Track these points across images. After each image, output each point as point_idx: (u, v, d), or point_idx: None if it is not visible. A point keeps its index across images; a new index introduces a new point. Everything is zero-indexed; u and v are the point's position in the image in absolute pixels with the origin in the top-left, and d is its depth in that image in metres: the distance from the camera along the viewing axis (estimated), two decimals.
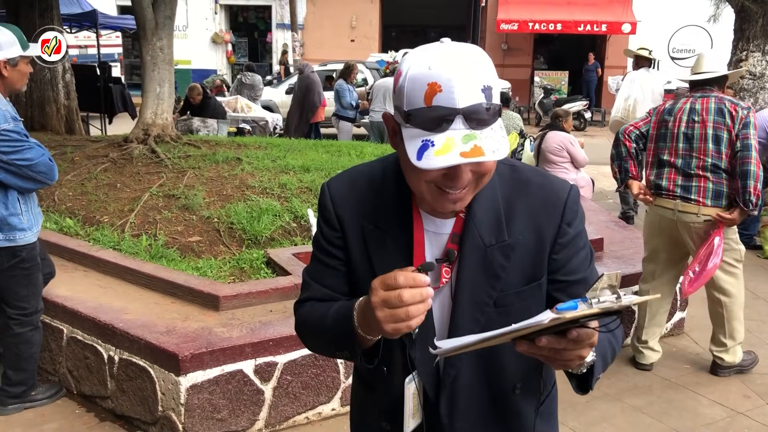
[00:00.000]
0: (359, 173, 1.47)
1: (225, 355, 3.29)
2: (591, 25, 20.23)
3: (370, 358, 1.33)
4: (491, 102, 1.19)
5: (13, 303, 3.50)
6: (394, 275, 1.16)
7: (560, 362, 1.20)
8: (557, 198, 1.38)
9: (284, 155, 6.37)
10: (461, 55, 1.20)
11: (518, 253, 1.36)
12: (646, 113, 4.36)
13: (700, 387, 4.12)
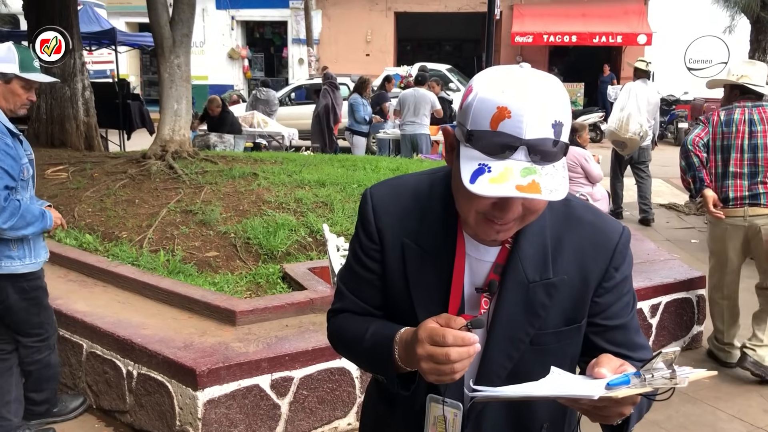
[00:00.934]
0: (405, 185, 1.41)
1: (242, 369, 3.32)
2: (606, 36, 20.20)
3: (407, 386, 1.31)
4: (559, 138, 1.13)
5: (30, 332, 3.45)
6: (443, 333, 1.13)
7: (599, 417, 1.18)
8: (608, 240, 1.33)
9: (300, 170, 6.42)
10: (538, 84, 1.13)
11: (561, 292, 1.30)
12: (700, 121, 4.44)
13: (719, 402, 4.08)
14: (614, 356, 1.20)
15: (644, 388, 1.06)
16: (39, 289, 3.44)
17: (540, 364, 1.28)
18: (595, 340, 1.36)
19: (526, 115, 1.10)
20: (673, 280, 4.76)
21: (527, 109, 1.10)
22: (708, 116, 4.41)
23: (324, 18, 23.19)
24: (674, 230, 8.32)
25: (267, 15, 24.24)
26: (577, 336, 1.36)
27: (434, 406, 1.34)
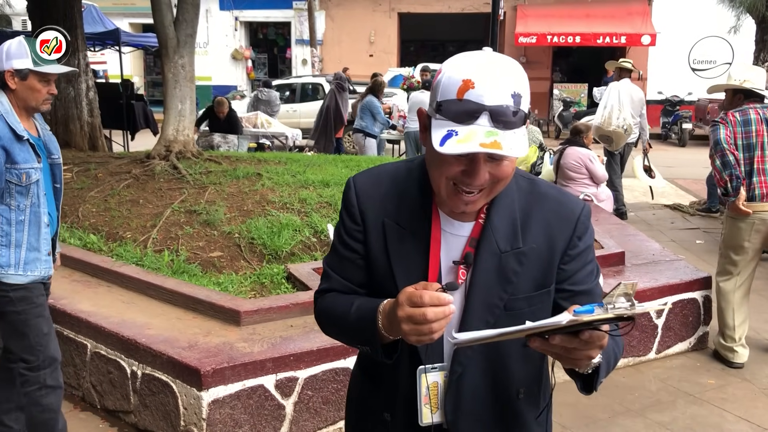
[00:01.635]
0: (385, 171, 1.54)
1: (246, 370, 3.31)
2: (610, 37, 20.16)
3: (389, 353, 1.40)
4: (519, 107, 1.27)
5: (17, 354, 3.07)
6: (420, 294, 1.24)
7: (570, 360, 1.28)
8: (571, 213, 1.47)
9: (304, 170, 6.41)
10: (498, 62, 1.30)
11: (531, 260, 1.43)
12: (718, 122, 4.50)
13: (725, 403, 4.06)
14: None
15: (606, 315, 1.17)
16: (30, 306, 3.05)
17: None
18: (563, 305, 1.44)
19: (488, 85, 1.26)
20: (678, 280, 4.74)
21: (488, 80, 1.26)
22: (724, 117, 4.49)
23: (327, 19, 23.20)
24: (679, 231, 8.30)
25: (270, 16, 24.26)
26: (547, 301, 1.48)
27: (424, 377, 1.44)
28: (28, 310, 3.04)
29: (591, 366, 1.33)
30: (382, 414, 1.53)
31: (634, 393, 4.17)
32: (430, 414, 1.45)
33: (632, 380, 4.34)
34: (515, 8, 21.48)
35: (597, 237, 5.47)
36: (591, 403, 4.03)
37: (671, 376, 4.41)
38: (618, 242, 5.44)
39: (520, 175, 1.49)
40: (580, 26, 20.43)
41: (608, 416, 3.89)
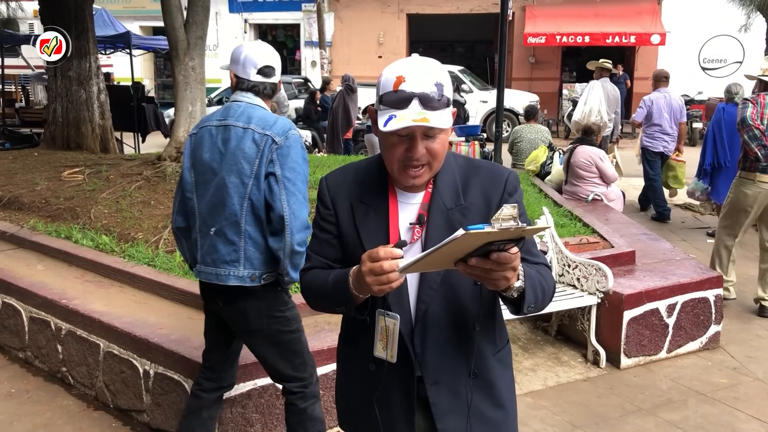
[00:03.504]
0: (350, 165, 1.91)
1: (257, 369, 3.32)
2: (619, 36, 20.07)
3: (361, 311, 1.73)
4: (442, 94, 1.63)
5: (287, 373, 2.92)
6: (377, 250, 1.55)
7: (491, 282, 1.53)
8: (501, 176, 1.81)
9: (313, 171, 6.43)
10: (424, 62, 1.69)
11: (472, 213, 1.75)
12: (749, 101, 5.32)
13: (737, 402, 4.05)
14: None
15: (493, 230, 1.40)
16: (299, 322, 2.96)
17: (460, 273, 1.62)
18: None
19: (416, 78, 1.63)
20: (689, 279, 4.73)
21: (416, 74, 1.64)
22: (755, 98, 5.30)
23: (336, 20, 23.23)
24: (690, 230, 8.27)
25: (279, 18, 24.31)
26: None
27: (380, 318, 1.73)
28: (299, 327, 2.95)
29: (515, 290, 1.59)
30: (366, 366, 1.79)
31: (645, 392, 4.16)
32: (381, 349, 1.73)
33: (643, 379, 4.33)
34: (524, 8, 21.43)
35: (607, 236, 5.47)
36: (602, 402, 4.02)
37: (682, 375, 4.40)
38: (628, 241, 5.43)
39: (459, 156, 1.87)
40: (589, 26, 20.35)
41: (619, 415, 3.88)
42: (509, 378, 1.89)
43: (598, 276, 4.43)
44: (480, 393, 1.79)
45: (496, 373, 1.82)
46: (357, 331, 1.83)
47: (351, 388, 1.92)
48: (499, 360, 1.84)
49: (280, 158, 2.66)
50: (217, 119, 2.79)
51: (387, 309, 1.73)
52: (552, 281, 1.79)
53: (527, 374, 4.34)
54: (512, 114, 16.92)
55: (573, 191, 7.21)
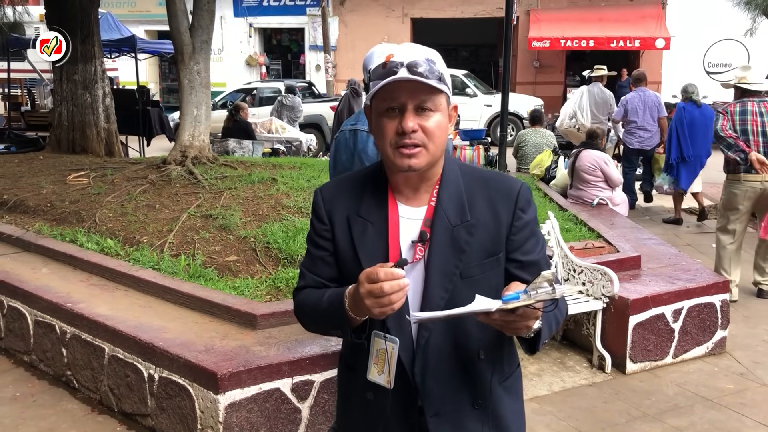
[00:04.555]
0: (346, 177, 1.80)
1: (262, 373, 3.32)
2: (624, 41, 20.05)
3: (359, 334, 1.60)
4: (433, 69, 1.55)
5: None
6: (376, 271, 1.44)
7: (511, 330, 1.48)
8: (511, 188, 1.69)
9: (318, 175, 6.44)
10: (416, 44, 1.62)
11: (479, 231, 1.63)
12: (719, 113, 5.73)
13: (744, 408, 4.03)
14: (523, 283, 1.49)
15: (530, 301, 1.38)
16: None
17: (470, 294, 1.54)
18: (517, 273, 1.67)
19: (405, 52, 1.57)
20: (695, 284, 4.71)
21: (405, 50, 1.58)
22: (725, 108, 5.73)
23: (341, 24, 23.26)
24: (695, 235, 8.24)
25: (284, 22, 24.36)
26: (497, 267, 1.67)
27: (377, 340, 1.62)
28: None
29: (532, 331, 1.51)
30: (365, 395, 1.68)
31: (651, 397, 4.14)
32: (375, 373, 1.62)
33: (649, 385, 4.32)
34: (528, 13, 21.44)
35: (612, 241, 5.45)
36: (607, 408, 4.01)
37: (688, 381, 4.37)
38: (634, 246, 5.41)
39: (465, 165, 1.75)
40: (593, 30, 20.34)
41: (625, 421, 3.87)
42: (517, 408, 1.78)
43: (604, 281, 4.41)
44: (485, 425, 1.67)
45: (502, 403, 1.70)
46: (356, 354, 1.70)
47: (350, 415, 1.80)
48: (506, 389, 1.72)
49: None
50: (351, 124, 3.09)
51: (386, 332, 1.61)
52: (565, 306, 1.70)
53: (532, 379, 4.32)
54: (517, 118, 16.92)
55: (578, 195, 7.20)
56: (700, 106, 8.30)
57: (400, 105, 1.56)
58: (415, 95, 1.56)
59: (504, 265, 1.68)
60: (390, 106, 1.57)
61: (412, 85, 1.54)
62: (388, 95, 1.57)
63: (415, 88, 1.55)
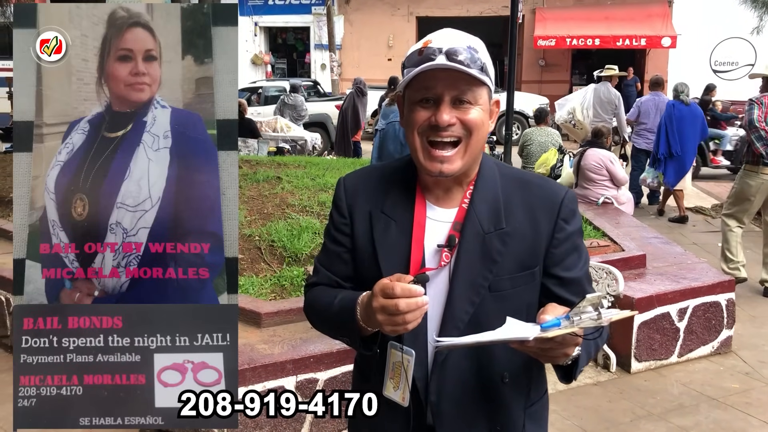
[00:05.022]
0: (373, 167, 1.66)
1: (267, 371, 3.33)
2: (630, 39, 20.01)
3: (369, 345, 1.45)
4: (475, 57, 1.39)
5: None
6: (392, 286, 1.28)
7: (547, 359, 1.34)
8: (554, 196, 1.51)
9: (323, 174, 6.44)
10: (459, 31, 1.46)
11: (515, 241, 1.47)
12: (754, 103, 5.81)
13: (749, 407, 4.02)
14: (561, 305, 1.35)
15: (572, 328, 1.22)
16: None
17: (498, 310, 1.42)
18: (555, 290, 1.51)
19: (443, 39, 1.41)
20: (701, 283, 4.70)
21: (444, 36, 1.42)
22: (760, 99, 5.79)
23: (346, 23, 23.27)
24: (701, 234, 8.23)
25: (289, 21, 24.38)
26: (532, 282, 1.50)
27: (393, 352, 1.48)
28: None
29: (570, 358, 1.36)
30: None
31: (656, 397, 4.14)
32: (392, 388, 1.49)
33: (654, 384, 4.31)
34: (534, 11, 21.41)
35: (617, 240, 5.45)
36: (612, 407, 4.01)
37: (694, 380, 4.37)
38: (639, 245, 5.41)
39: (504, 165, 1.59)
40: (599, 29, 20.30)
41: (630, 420, 3.87)
42: None
43: (609, 280, 4.41)
44: None
45: (525, 431, 1.54)
46: (369, 361, 1.55)
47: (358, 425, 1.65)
48: (530, 416, 1.55)
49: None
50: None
51: (400, 342, 1.47)
52: (607, 331, 1.50)
53: None
54: (522, 117, 16.90)
55: (583, 194, 7.19)
56: (687, 105, 8.57)
57: (436, 96, 1.40)
58: (454, 86, 1.39)
59: (540, 280, 1.51)
60: (424, 97, 1.41)
61: (450, 74, 1.38)
62: (423, 84, 1.40)
63: (454, 78, 1.38)
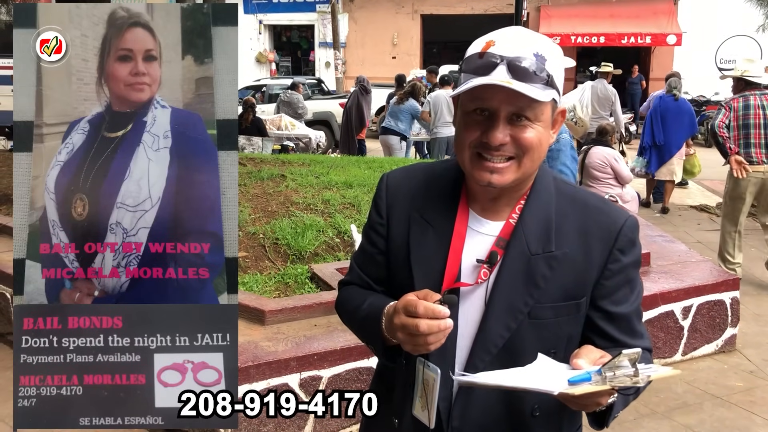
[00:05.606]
0: (420, 167, 1.53)
1: (271, 368, 3.34)
2: (635, 37, 19.97)
3: (392, 357, 1.37)
4: (542, 68, 1.25)
5: None
6: (416, 304, 1.20)
7: (578, 406, 1.23)
8: (613, 223, 1.37)
9: (327, 172, 6.44)
10: (527, 30, 1.34)
11: (563, 267, 1.34)
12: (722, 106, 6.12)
13: (754, 406, 4.01)
14: (605, 340, 1.30)
15: (604, 386, 1.11)
16: None
17: (536, 339, 1.33)
18: (600, 325, 1.39)
19: (508, 42, 1.28)
20: (705, 282, 4.69)
21: (510, 38, 1.29)
22: (729, 103, 6.06)
23: (350, 21, 23.27)
24: (705, 232, 8.20)
25: (294, 19, 24.40)
26: (576, 314, 1.38)
27: (420, 368, 1.39)
28: None
29: (604, 405, 1.25)
30: (390, 418, 1.48)
31: (659, 395, 4.13)
32: (419, 408, 1.39)
33: (657, 382, 4.26)
34: (539, 9, 21.37)
35: None
36: None
37: (697, 379, 4.36)
38: (643, 243, 5.35)
39: (563, 181, 1.44)
40: (604, 26, 20.25)
41: (633, 418, 3.86)
42: None
43: None
44: None
45: None
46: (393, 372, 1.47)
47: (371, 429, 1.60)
48: None
49: (549, 160, 3.06)
50: None
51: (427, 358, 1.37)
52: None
53: None
54: None
55: None
56: (677, 100, 8.95)
57: (491, 109, 1.27)
58: (512, 101, 1.26)
59: (585, 312, 1.39)
60: (479, 107, 1.29)
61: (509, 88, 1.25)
62: (478, 94, 1.27)
63: (514, 92, 1.25)
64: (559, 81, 1.29)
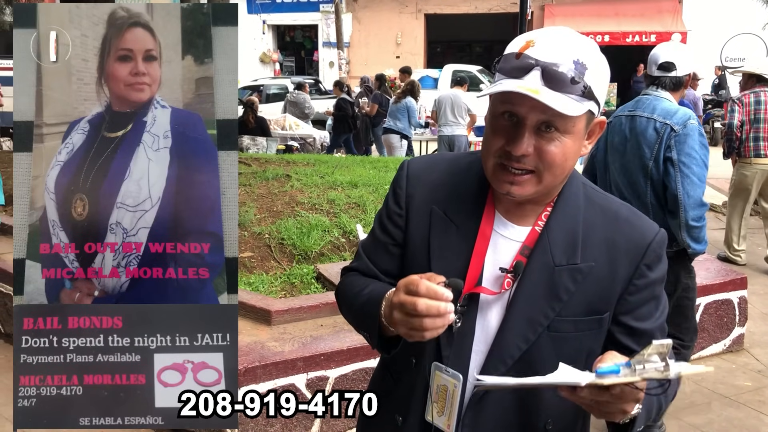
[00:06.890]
0: (443, 158, 1.46)
1: (277, 369, 3.32)
2: (639, 36, 19.92)
3: (387, 347, 1.31)
4: (581, 77, 1.18)
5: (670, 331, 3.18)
6: (417, 282, 1.13)
7: (601, 414, 1.17)
8: (642, 237, 1.32)
9: (332, 171, 6.43)
10: (572, 33, 1.24)
11: (587, 280, 1.29)
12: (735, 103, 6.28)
13: (763, 405, 3.98)
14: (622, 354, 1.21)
15: (633, 378, 1.07)
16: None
17: (554, 353, 1.27)
18: (622, 340, 1.34)
19: (548, 45, 1.19)
20: (712, 281, 4.65)
21: (550, 41, 1.20)
22: (741, 99, 6.27)
23: (354, 21, 23.27)
24: (712, 231, 8.14)
25: (298, 19, 24.42)
26: (597, 329, 1.33)
27: (439, 375, 1.32)
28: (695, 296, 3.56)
29: (628, 417, 1.19)
30: (393, 415, 1.42)
31: None
32: (435, 413, 1.34)
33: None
34: (543, 8, 21.33)
35: None
36: None
37: (705, 378, 4.32)
38: None
39: (593, 189, 1.37)
40: (609, 25, 20.21)
41: None
42: None
43: None
44: None
45: None
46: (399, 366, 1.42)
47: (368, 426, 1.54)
48: None
49: (677, 144, 3.07)
50: (628, 110, 3.32)
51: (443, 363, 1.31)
52: (677, 386, 1.31)
53: None
54: None
55: None
56: None
57: (519, 116, 1.20)
58: (543, 108, 1.17)
59: (607, 328, 1.34)
60: (508, 110, 1.21)
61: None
62: (507, 98, 1.20)
63: None
64: (600, 92, 1.22)
